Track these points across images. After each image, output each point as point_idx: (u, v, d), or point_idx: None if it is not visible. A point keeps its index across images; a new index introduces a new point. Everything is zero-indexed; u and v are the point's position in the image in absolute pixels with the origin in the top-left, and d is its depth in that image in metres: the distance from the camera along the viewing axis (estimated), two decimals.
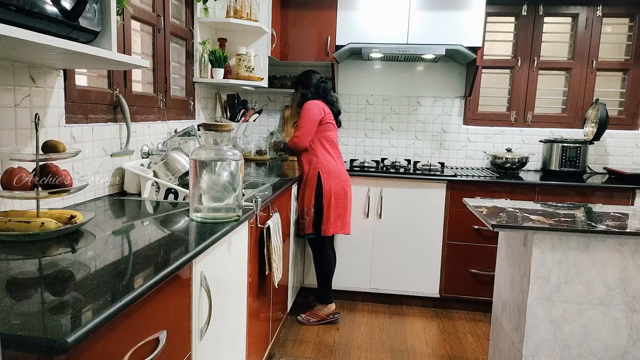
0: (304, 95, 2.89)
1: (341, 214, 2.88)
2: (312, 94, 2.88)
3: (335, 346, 2.72)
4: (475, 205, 2.07)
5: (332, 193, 2.83)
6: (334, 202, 2.84)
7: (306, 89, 2.90)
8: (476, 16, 3.16)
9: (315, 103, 2.83)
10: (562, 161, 3.35)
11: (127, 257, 1.19)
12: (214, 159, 1.60)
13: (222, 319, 1.58)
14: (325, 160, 2.84)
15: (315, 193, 2.83)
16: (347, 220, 2.93)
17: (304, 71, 3.00)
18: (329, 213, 2.83)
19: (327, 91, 2.93)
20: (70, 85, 1.72)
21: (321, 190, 2.82)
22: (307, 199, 2.86)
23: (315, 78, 2.91)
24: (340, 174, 2.88)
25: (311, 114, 2.79)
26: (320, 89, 2.90)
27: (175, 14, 2.60)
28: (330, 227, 2.85)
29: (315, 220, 2.86)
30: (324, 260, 2.98)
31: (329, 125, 2.87)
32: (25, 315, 0.82)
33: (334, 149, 2.90)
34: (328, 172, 2.83)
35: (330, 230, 2.85)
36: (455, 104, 3.66)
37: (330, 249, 3.02)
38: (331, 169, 2.84)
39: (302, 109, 2.84)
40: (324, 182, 2.82)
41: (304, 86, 2.91)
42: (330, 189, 2.82)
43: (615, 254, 1.78)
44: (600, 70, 3.53)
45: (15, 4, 1.03)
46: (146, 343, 1.03)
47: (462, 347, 2.77)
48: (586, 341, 1.83)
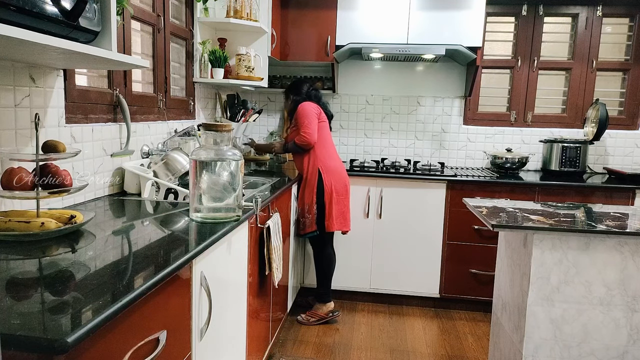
0: (296, 101, 2.94)
1: (343, 210, 2.92)
2: (303, 100, 2.93)
3: (335, 346, 2.72)
4: (475, 205, 2.07)
5: (333, 189, 2.85)
6: (335, 198, 2.86)
7: (298, 96, 2.95)
8: (476, 16, 3.16)
9: (309, 103, 2.89)
10: (562, 161, 3.35)
11: (127, 257, 1.19)
12: (214, 159, 1.60)
13: (222, 319, 1.58)
14: (325, 157, 2.87)
15: (316, 190, 2.85)
16: (348, 217, 2.96)
17: (295, 80, 3.12)
18: (331, 209, 2.85)
19: (318, 98, 2.99)
20: (70, 85, 1.72)
21: (322, 187, 2.84)
22: (307, 197, 2.88)
23: (306, 86, 2.97)
24: (340, 171, 2.91)
25: (309, 111, 2.84)
26: (311, 96, 2.96)
27: (175, 14, 2.60)
28: (333, 222, 2.87)
29: (318, 217, 2.88)
30: (324, 259, 2.99)
31: (324, 124, 2.92)
32: (25, 315, 0.82)
33: (331, 147, 2.95)
34: (328, 169, 2.85)
35: (333, 226, 2.87)
36: (455, 104, 3.66)
37: (331, 248, 3.02)
38: (331, 166, 2.87)
39: (298, 110, 2.86)
40: (324, 178, 2.84)
41: (295, 93, 2.97)
42: (331, 185, 2.85)
43: (615, 254, 1.78)
44: (600, 70, 3.53)
45: (15, 4, 1.03)
46: (146, 343, 1.03)
47: (462, 347, 2.77)
48: (586, 341, 1.83)
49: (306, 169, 2.89)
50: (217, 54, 2.82)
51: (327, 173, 2.85)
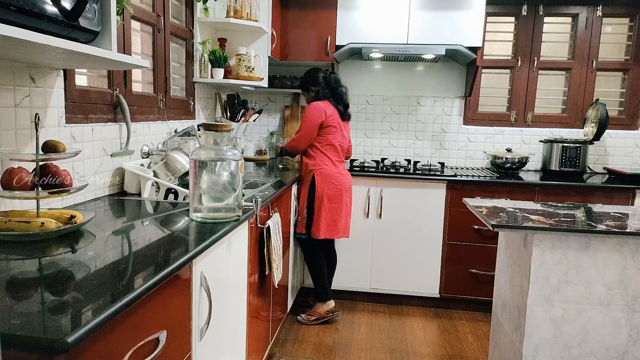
0: (317, 92, 2.87)
1: (335, 219, 2.86)
2: (323, 89, 2.86)
3: (335, 346, 2.72)
4: (475, 205, 2.07)
5: (324, 196, 2.82)
6: (326, 205, 2.82)
7: (317, 86, 2.87)
8: (476, 16, 3.16)
9: (317, 106, 2.80)
10: (562, 161, 3.35)
11: (127, 257, 1.19)
12: (214, 159, 1.60)
13: (222, 319, 1.58)
14: (323, 163, 2.84)
15: (308, 195, 2.85)
16: (341, 225, 2.90)
17: (308, 70, 2.96)
18: (319, 216, 2.83)
19: (337, 82, 2.92)
20: (70, 85, 1.72)
21: (314, 192, 2.83)
22: (302, 199, 2.89)
23: (321, 74, 2.89)
24: (337, 178, 2.85)
25: (311, 118, 2.78)
26: (331, 81, 2.88)
27: (175, 14, 2.60)
28: (319, 230, 2.84)
29: (307, 221, 2.88)
30: (312, 262, 2.98)
31: (331, 128, 2.83)
32: (25, 315, 0.82)
33: (334, 153, 2.87)
34: (323, 176, 2.82)
35: (319, 234, 2.84)
36: (455, 104, 3.66)
37: (320, 249, 2.98)
38: (327, 173, 2.83)
39: (305, 112, 2.84)
40: (317, 184, 2.82)
41: (314, 84, 2.88)
42: (322, 192, 2.82)
43: (615, 254, 1.78)
44: (600, 70, 3.53)
45: (15, 4, 1.03)
46: (146, 343, 1.03)
47: (462, 347, 2.77)
48: (586, 341, 1.83)
49: (304, 171, 2.90)
50: (217, 54, 2.82)
51: (320, 179, 2.82)
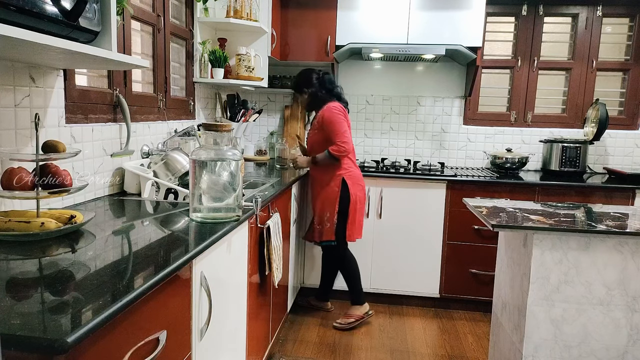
0: (313, 94, 2.79)
1: (361, 220, 2.89)
2: (318, 90, 2.78)
3: (336, 346, 2.72)
4: (475, 205, 2.07)
5: (357, 199, 2.79)
6: (358, 207, 2.82)
7: (311, 87, 2.79)
8: (476, 16, 3.16)
9: (336, 106, 2.72)
10: (562, 161, 3.35)
11: (127, 257, 1.19)
12: (214, 159, 1.60)
13: (222, 319, 1.58)
14: (348, 166, 2.79)
15: (339, 200, 2.76)
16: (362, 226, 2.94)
17: (300, 72, 2.88)
18: (354, 219, 2.81)
19: (332, 82, 2.85)
20: (70, 85, 1.72)
21: (347, 197, 2.76)
22: (328, 206, 2.79)
23: (315, 75, 2.82)
24: (360, 178, 2.86)
25: (338, 116, 2.69)
26: (325, 81, 2.81)
27: (175, 14, 2.60)
28: (355, 232, 2.84)
29: (338, 226, 2.80)
30: (344, 266, 2.93)
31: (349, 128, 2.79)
32: (25, 315, 0.82)
33: (353, 154, 2.85)
34: (352, 179, 2.78)
35: (355, 236, 2.84)
36: (455, 104, 3.66)
37: (350, 252, 2.95)
38: (355, 175, 2.81)
39: (325, 116, 2.70)
40: (350, 188, 2.76)
41: (308, 85, 2.80)
42: (356, 195, 2.79)
43: (615, 254, 1.78)
44: (600, 70, 3.53)
45: (15, 4, 1.03)
46: (146, 343, 1.03)
47: (462, 347, 2.77)
48: (586, 341, 1.83)
49: (328, 177, 2.78)
50: (217, 54, 2.82)
51: (351, 182, 2.77)
